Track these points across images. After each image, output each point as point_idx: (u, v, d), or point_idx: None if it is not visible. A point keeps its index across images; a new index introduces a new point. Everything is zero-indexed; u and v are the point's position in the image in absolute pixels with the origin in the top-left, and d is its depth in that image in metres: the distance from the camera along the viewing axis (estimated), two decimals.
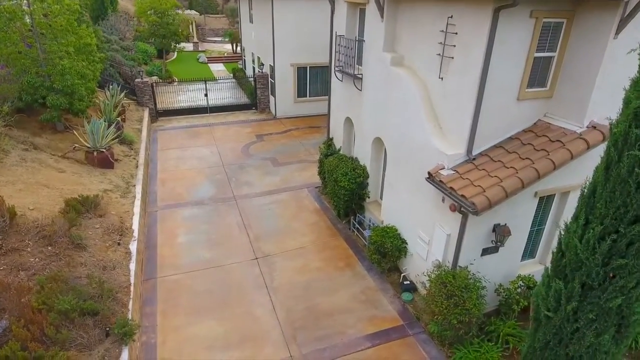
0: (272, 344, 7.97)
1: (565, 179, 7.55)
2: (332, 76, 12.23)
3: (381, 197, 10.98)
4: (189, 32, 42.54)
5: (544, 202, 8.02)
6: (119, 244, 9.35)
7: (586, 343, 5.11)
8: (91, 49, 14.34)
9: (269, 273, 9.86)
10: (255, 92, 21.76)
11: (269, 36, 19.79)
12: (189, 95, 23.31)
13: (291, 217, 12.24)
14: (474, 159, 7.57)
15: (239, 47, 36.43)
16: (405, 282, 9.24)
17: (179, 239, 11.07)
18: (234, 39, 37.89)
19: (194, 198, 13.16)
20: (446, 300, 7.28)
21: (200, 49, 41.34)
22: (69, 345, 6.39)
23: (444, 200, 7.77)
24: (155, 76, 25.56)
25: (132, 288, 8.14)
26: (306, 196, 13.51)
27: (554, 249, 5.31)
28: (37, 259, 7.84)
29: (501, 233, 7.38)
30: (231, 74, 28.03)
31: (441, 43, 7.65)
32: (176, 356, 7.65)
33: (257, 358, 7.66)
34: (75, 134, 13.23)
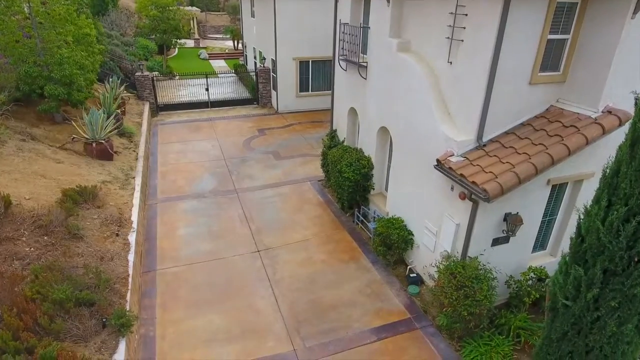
0: (275, 337, 7.71)
1: (578, 167, 7.32)
2: (336, 65, 11.95)
3: (386, 189, 10.71)
4: (190, 27, 42.31)
5: (556, 191, 7.76)
6: (117, 235, 9.10)
7: (607, 333, 4.84)
8: (90, 39, 14.11)
9: (272, 266, 9.61)
10: (256, 87, 21.52)
11: (271, 30, 19.54)
12: (190, 90, 23.09)
13: (294, 210, 11.99)
14: (485, 146, 7.30)
15: (240, 44, 36.20)
16: (411, 275, 8.99)
17: (180, 231, 10.82)
18: (235, 35, 37.63)
19: (195, 191, 12.91)
20: (456, 291, 7.01)
21: (201, 46, 41.10)
22: (64, 335, 6.15)
23: (453, 188, 7.52)
24: (156, 72, 25.30)
25: (130, 279, 7.88)
26: (309, 189, 13.25)
27: (572, 235, 5.05)
28: (32, 249, 7.59)
29: (513, 222, 7.11)
30: (232, 70, 27.80)
31: (450, 26, 7.39)
32: (176, 349, 7.39)
33: (259, 351, 7.40)
34: (74, 124, 12.98)
